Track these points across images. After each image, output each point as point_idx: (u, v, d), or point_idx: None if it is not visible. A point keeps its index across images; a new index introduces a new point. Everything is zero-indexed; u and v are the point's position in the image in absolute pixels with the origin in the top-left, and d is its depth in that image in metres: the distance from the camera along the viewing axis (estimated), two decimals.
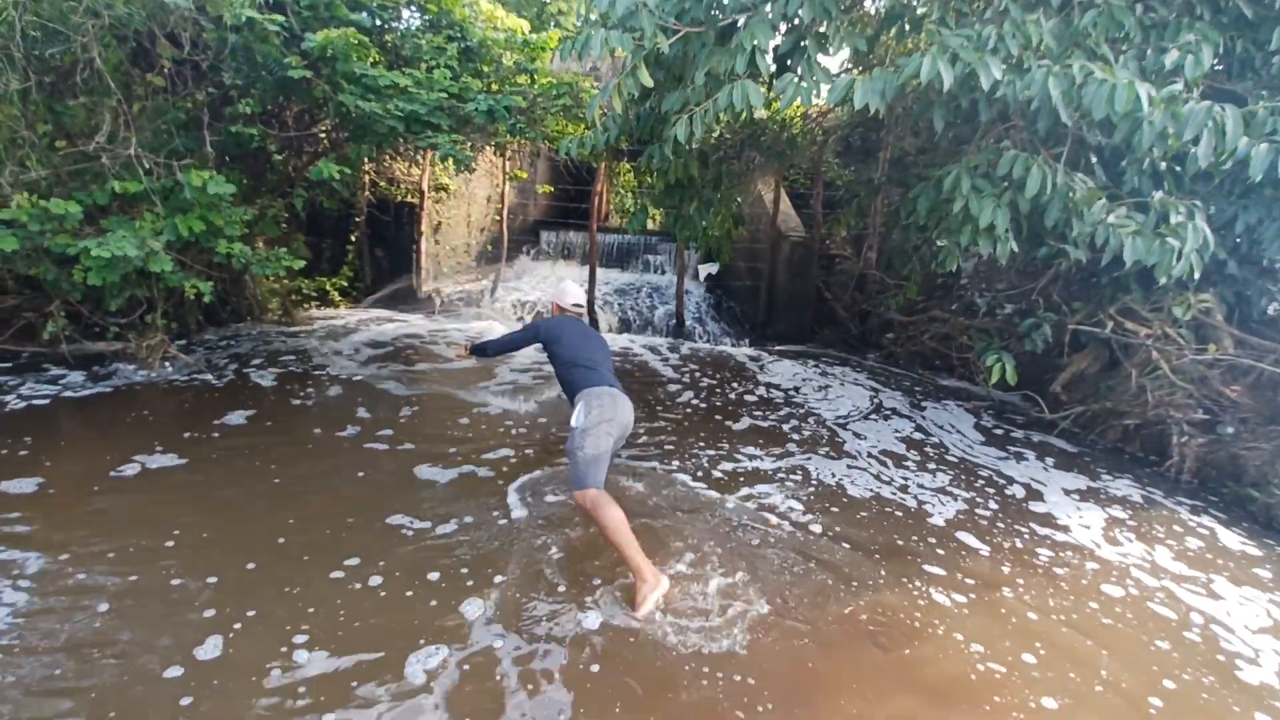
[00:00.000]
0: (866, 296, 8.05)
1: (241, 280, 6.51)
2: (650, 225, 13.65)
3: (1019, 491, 4.07)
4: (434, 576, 2.71)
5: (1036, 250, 4.35)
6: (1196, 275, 3.12)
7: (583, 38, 3.23)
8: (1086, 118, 3.29)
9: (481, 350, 3.79)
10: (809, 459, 4.30)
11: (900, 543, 3.33)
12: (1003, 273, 6.74)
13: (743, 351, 7.45)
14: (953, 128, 4.29)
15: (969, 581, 3.01)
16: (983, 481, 4.18)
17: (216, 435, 4.02)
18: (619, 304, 8.68)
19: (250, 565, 2.72)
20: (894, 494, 3.88)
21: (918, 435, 4.99)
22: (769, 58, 3.25)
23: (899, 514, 3.64)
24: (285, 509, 3.21)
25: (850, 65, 5.41)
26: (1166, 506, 4.04)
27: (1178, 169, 3.49)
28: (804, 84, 3.16)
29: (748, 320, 8.60)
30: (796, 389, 5.96)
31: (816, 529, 3.41)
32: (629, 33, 3.22)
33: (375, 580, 2.68)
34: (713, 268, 9.93)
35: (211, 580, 2.61)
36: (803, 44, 3.29)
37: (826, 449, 4.52)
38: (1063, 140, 3.59)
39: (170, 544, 2.84)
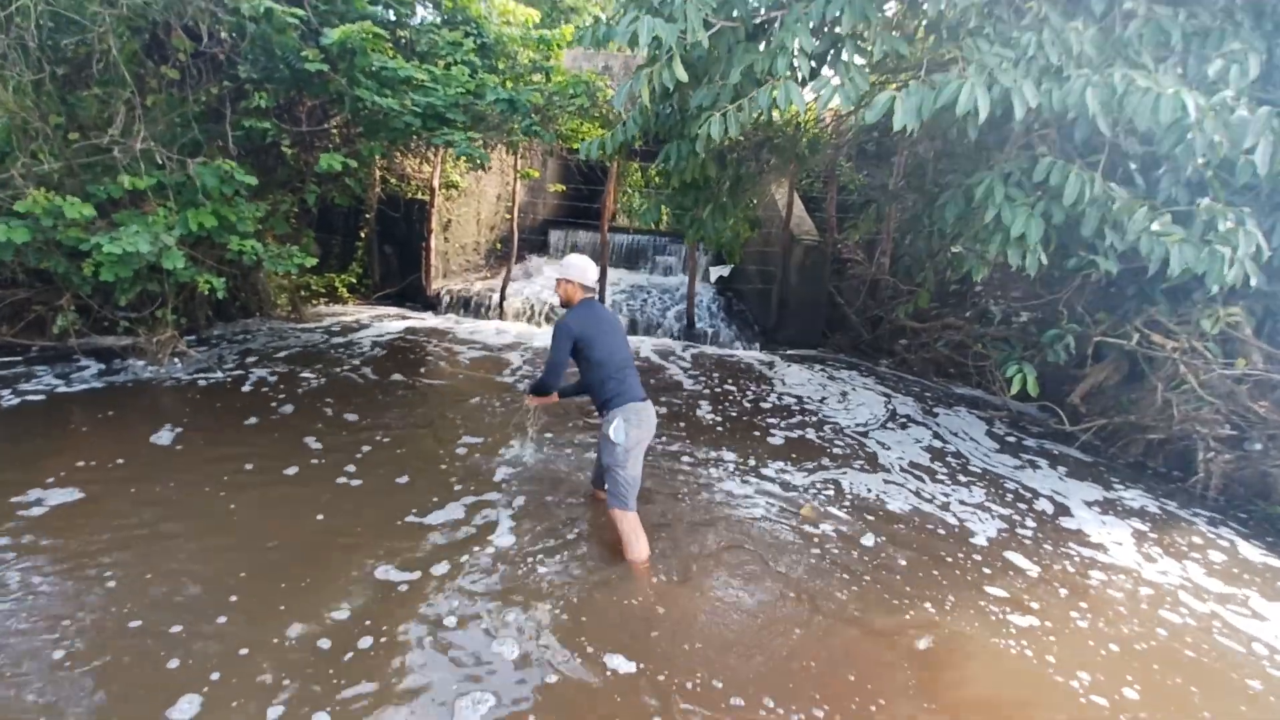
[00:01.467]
0: (878, 302, 7.98)
1: (251, 276, 6.44)
2: (655, 225, 13.63)
3: (1047, 506, 4.01)
4: (451, 620, 2.50)
5: (1064, 261, 4.28)
6: (1253, 282, 3.05)
7: (628, 21, 3.12)
8: (1126, 127, 3.23)
9: (543, 388, 3.23)
10: (844, 472, 4.25)
11: (949, 559, 3.30)
12: (1017, 281, 6.67)
13: (756, 356, 7.38)
14: (980, 133, 4.22)
15: (1035, 605, 2.97)
16: (1011, 496, 4.12)
17: (194, 447, 3.78)
18: (629, 305, 8.61)
19: (221, 619, 2.42)
20: (934, 510, 3.84)
21: (937, 444, 4.93)
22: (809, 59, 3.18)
23: (941, 530, 3.60)
24: (261, 538, 2.95)
25: (870, 69, 5.34)
26: (1184, 518, 4.02)
27: (1224, 177, 3.41)
28: (844, 87, 3.08)
29: (758, 323, 8.53)
30: (822, 399, 5.87)
31: (868, 542, 3.39)
32: (671, 23, 3.13)
33: (371, 631, 2.40)
34: (724, 270, 9.85)
35: (176, 630, 2.33)
36: (839, 46, 3.22)
37: (860, 461, 4.46)
38: (1098, 149, 3.52)
39: (112, 584, 2.54)
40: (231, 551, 2.85)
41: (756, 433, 4.86)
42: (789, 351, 7.65)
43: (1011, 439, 5.23)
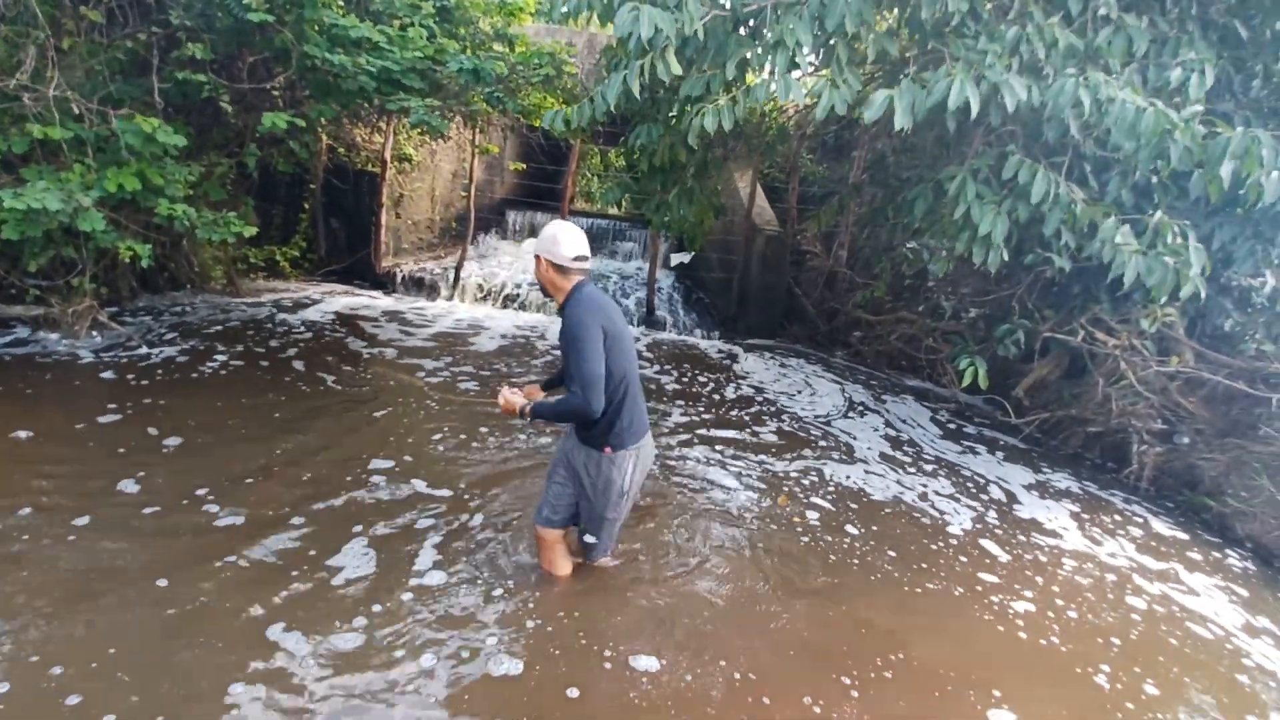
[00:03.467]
0: (835, 295, 8.10)
1: (182, 244, 5.97)
2: (613, 211, 13.46)
3: (1000, 494, 4.19)
4: (427, 661, 2.15)
5: (1020, 258, 4.40)
6: (1203, 296, 3.20)
7: (628, 12, 2.98)
8: (1092, 132, 3.31)
9: (580, 413, 2.30)
10: (823, 463, 4.30)
11: (933, 549, 3.39)
12: (968, 277, 6.89)
13: (716, 345, 7.38)
14: (946, 129, 4.29)
15: (1029, 593, 3.08)
16: (972, 485, 4.27)
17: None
18: None
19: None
20: (909, 498, 3.94)
21: (892, 432, 5.09)
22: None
23: (925, 520, 3.70)
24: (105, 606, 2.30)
25: (861, 68, 5.35)
26: (1104, 498, 4.36)
27: (1168, 184, 3.56)
28: (839, 89, 3.05)
29: (718, 312, 8.53)
30: (796, 392, 5.91)
31: (854, 530, 3.44)
32: (667, 12, 3.02)
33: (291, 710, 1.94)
34: (685, 257, 9.81)
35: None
36: (832, 45, 3.18)
37: (835, 452, 4.52)
38: (1061, 150, 3.61)
39: None
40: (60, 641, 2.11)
41: (730, 422, 4.85)
42: (748, 341, 7.69)
43: (953, 426, 5.48)
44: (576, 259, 2.35)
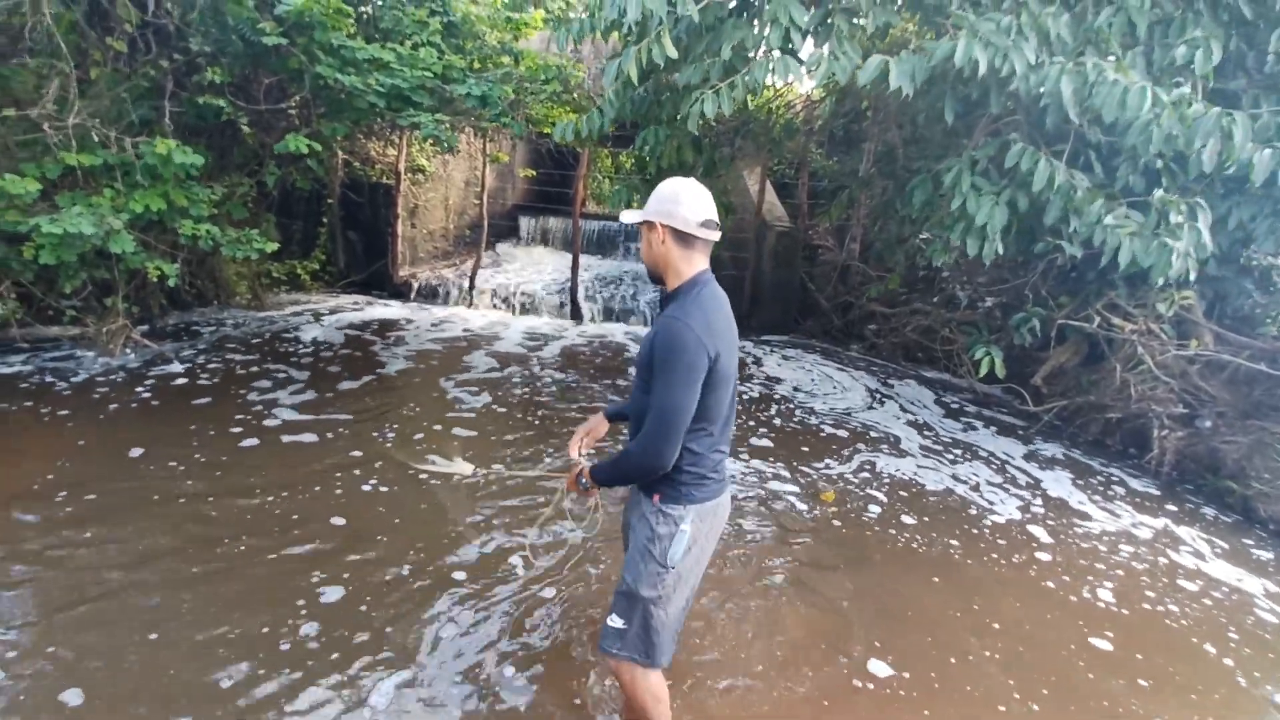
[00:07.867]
0: (849, 288, 8.08)
1: (207, 262, 6.17)
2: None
3: (1020, 476, 4.29)
4: None
5: (1031, 246, 4.38)
6: (1193, 276, 3.18)
7: None
8: (1090, 115, 3.30)
9: (648, 469, 1.69)
10: (875, 456, 4.39)
11: (975, 532, 3.52)
12: (983, 267, 6.83)
13: None
14: (954, 115, 4.28)
15: (1108, 584, 3.20)
16: (995, 467, 4.36)
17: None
18: (601, 292, 8.55)
19: None
20: (948, 483, 4.07)
21: (910, 416, 5.20)
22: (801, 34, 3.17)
23: (973, 510, 3.80)
24: None
25: (862, 45, 5.35)
26: (1088, 464, 4.62)
27: (1174, 168, 3.52)
28: (837, 59, 3.08)
29: (732, 309, 8.55)
30: (816, 390, 5.95)
31: (910, 520, 3.58)
32: None
33: None
34: None
35: None
36: (830, 20, 3.20)
37: (874, 444, 4.61)
38: (1065, 137, 3.59)
39: None
40: None
41: (764, 421, 4.92)
42: (763, 338, 7.71)
43: (955, 405, 5.68)
44: (705, 224, 1.70)
